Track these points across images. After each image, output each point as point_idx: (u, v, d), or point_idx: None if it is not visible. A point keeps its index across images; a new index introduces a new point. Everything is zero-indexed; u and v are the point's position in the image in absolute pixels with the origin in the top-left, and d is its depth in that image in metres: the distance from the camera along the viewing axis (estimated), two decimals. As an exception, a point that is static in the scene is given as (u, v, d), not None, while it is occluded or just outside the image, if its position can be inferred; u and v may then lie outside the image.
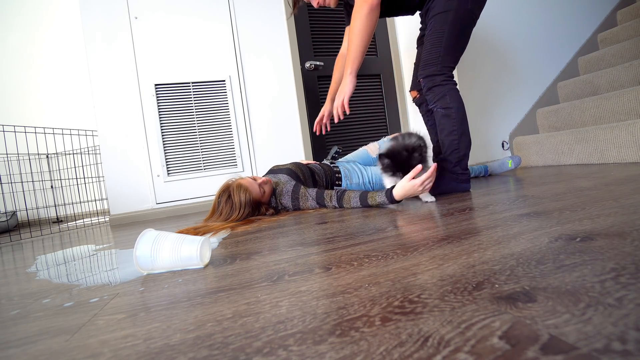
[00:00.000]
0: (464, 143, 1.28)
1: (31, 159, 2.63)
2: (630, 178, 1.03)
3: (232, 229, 1.11)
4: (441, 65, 1.26)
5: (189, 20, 2.21)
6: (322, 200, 1.30)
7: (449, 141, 1.27)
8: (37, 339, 0.41)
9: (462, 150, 1.28)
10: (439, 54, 1.25)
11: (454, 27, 1.23)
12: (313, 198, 1.32)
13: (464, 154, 1.28)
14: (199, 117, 2.21)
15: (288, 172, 1.45)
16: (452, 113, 1.26)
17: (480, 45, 2.14)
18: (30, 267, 0.93)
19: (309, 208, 1.34)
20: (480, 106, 2.14)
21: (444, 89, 1.26)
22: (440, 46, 1.25)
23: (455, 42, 1.26)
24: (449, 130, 1.27)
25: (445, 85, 1.26)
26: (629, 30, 2.27)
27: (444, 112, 1.27)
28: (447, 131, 1.27)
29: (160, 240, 0.64)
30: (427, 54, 1.29)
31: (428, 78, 1.29)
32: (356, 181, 1.54)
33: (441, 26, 1.24)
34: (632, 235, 0.48)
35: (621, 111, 1.76)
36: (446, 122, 1.27)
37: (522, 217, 0.70)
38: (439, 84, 1.27)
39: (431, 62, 1.27)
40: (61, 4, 3.20)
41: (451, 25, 1.23)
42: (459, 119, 1.26)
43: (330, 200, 1.28)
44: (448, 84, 1.27)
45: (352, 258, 0.57)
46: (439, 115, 1.29)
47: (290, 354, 0.29)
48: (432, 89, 1.28)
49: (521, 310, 0.31)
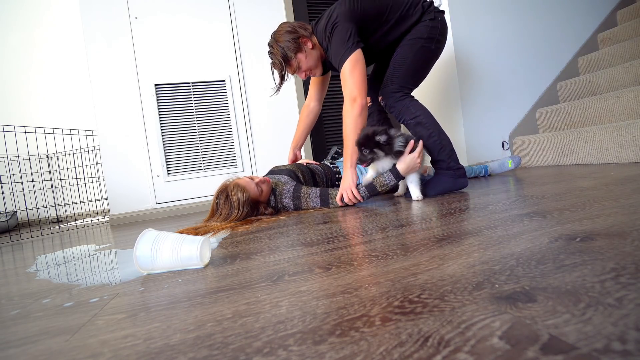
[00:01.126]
0: (446, 140, 1.34)
1: (31, 159, 2.63)
2: (630, 178, 1.03)
3: (232, 229, 1.11)
4: (399, 84, 1.36)
5: (189, 20, 2.21)
6: (327, 197, 1.31)
7: (432, 143, 1.33)
8: (37, 339, 0.41)
9: (447, 147, 1.33)
10: (400, 75, 1.36)
11: (418, 57, 1.36)
12: (316, 195, 1.32)
13: (450, 149, 1.34)
14: (199, 117, 2.21)
15: (288, 173, 1.45)
16: (422, 119, 1.33)
17: (480, 45, 2.14)
18: (30, 267, 0.93)
19: (310, 208, 1.34)
20: (480, 106, 2.14)
21: (404, 102, 1.36)
22: (402, 69, 1.36)
23: (415, 69, 1.38)
24: (427, 134, 1.33)
25: (404, 99, 1.36)
26: (629, 30, 2.27)
27: (415, 121, 1.34)
28: (425, 136, 1.33)
29: (160, 240, 0.64)
30: (389, 74, 1.39)
31: (388, 96, 1.38)
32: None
33: (406, 53, 1.36)
34: (632, 235, 0.48)
35: (621, 111, 1.76)
36: (421, 129, 1.33)
37: (522, 217, 0.70)
38: (398, 100, 1.36)
39: (392, 81, 1.37)
40: (61, 4, 3.19)
41: (416, 55, 1.36)
42: (430, 122, 1.34)
43: (335, 197, 1.28)
44: (407, 98, 1.36)
45: (352, 258, 0.57)
46: (412, 126, 1.36)
47: (290, 354, 0.29)
48: (393, 105, 1.37)
49: (521, 310, 0.31)
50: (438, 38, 1.37)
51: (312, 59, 1.40)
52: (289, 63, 1.38)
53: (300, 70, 1.42)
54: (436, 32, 1.36)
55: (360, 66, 1.27)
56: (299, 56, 1.37)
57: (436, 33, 1.36)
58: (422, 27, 1.36)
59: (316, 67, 1.44)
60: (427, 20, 1.35)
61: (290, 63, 1.38)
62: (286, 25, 1.38)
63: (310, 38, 1.38)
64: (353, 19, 1.27)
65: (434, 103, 2.32)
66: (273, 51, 1.38)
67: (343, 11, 1.27)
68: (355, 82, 1.26)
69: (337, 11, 1.29)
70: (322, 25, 1.33)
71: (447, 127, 2.21)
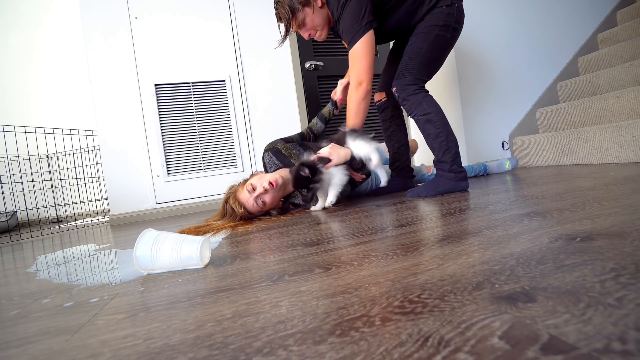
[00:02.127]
0: (453, 142, 1.30)
1: (31, 159, 2.62)
2: (630, 178, 1.03)
3: (233, 229, 1.11)
4: (414, 76, 1.32)
5: (189, 20, 2.21)
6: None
7: (438, 143, 1.30)
8: (37, 339, 0.41)
9: (453, 149, 1.29)
10: (414, 66, 1.32)
11: (433, 46, 1.32)
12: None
13: (455, 151, 1.30)
14: (199, 117, 2.21)
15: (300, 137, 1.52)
16: (433, 117, 1.29)
17: (480, 45, 2.14)
18: (30, 267, 0.93)
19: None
20: (480, 106, 2.14)
21: (418, 97, 1.31)
22: (417, 60, 1.32)
23: (430, 60, 1.34)
24: (435, 133, 1.29)
25: (418, 94, 1.31)
26: (629, 30, 2.27)
27: (425, 118, 1.30)
28: (433, 135, 1.30)
29: (160, 240, 0.64)
30: (403, 65, 1.35)
31: (401, 88, 1.34)
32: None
33: (421, 43, 1.32)
34: (632, 235, 0.48)
35: (621, 111, 1.76)
36: (429, 127, 1.30)
37: (522, 217, 0.70)
38: (412, 93, 1.31)
39: (406, 72, 1.33)
40: (61, 4, 3.20)
41: (431, 45, 1.31)
42: (440, 121, 1.29)
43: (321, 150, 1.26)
44: (421, 93, 1.32)
45: (352, 258, 0.57)
46: (421, 123, 1.32)
47: (290, 354, 0.29)
48: (407, 99, 1.33)
49: (521, 310, 0.31)
50: (454, 26, 1.32)
51: (318, 17, 1.35)
52: (295, 15, 1.33)
53: (304, 27, 1.37)
54: (452, 20, 1.31)
55: (370, 49, 1.24)
56: (306, 10, 1.32)
57: (452, 20, 1.31)
58: (438, 13, 1.30)
59: (322, 28, 1.39)
60: (443, 6, 1.30)
61: (296, 15, 1.33)
62: None
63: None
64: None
65: (434, 103, 2.32)
66: (280, 1, 1.34)
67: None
68: (363, 66, 1.24)
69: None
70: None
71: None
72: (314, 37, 1.43)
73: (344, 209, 1.22)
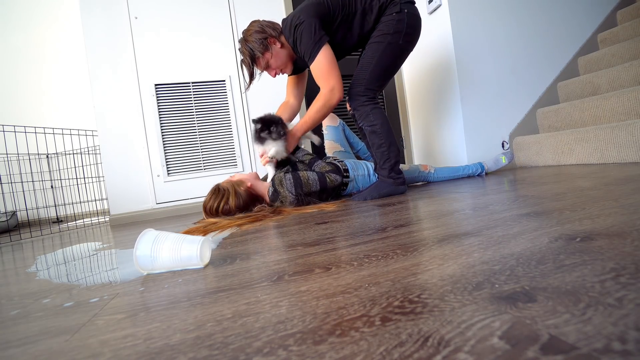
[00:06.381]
0: (394, 152, 1.40)
1: (31, 159, 2.63)
2: (630, 178, 1.03)
3: (240, 227, 1.11)
4: (365, 87, 1.39)
5: (189, 20, 2.21)
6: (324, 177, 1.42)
7: (380, 153, 1.39)
8: (37, 339, 0.41)
9: (393, 159, 1.39)
10: (365, 77, 1.39)
11: (385, 56, 1.37)
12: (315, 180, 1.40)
13: (395, 161, 1.40)
14: (199, 117, 2.21)
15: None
16: (377, 129, 1.38)
17: (480, 45, 2.14)
18: (30, 267, 0.93)
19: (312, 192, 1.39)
20: (480, 106, 2.14)
21: (367, 108, 1.39)
22: (368, 71, 1.38)
23: (381, 70, 1.40)
24: (378, 143, 1.39)
25: (367, 106, 1.39)
26: (629, 30, 2.27)
27: (371, 129, 1.39)
28: (377, 145, 1.39)
29: (160, 240, 0.64)
30: (355, 75, 1.42)
31: (353, 98, 1.42)
32: (362, 172, 1.58)
33: (373, 53, 1.38)
34: (632, 235, 0.48)
35: (621, 111, 1.76)
36: (374, 137, 1.39)
37: (522, 217, 0.70)
38: (361, 104, 1.40)
39: (357, 83, 1.40)
40: (61, 4, 3.20)
41: (382, 55, 1.37)
42: (384, 132, 1.38)
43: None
44: (370, 104, 1.39)
45: (352, 258, 0.57)
46: (368, 132, 1.41)
47: (290, 354, 0.29)
48: (357, 109, 1.41)
49: (521, 310, 0.31)
50: (407, 31, 1.36)
51: (279, 58, 1.43)
52: (257, 62, 1.42)
53: (269, 68, 1.45)
54: (403, 26, 1.34)
55: (331, 58, 1.32)
56: (266, 55, 1.40)
57: (403, 26, 1.34)
58: (388, 21, 1.35)
59: (285, 65, 1.47)
60: (393, 13, 1.34)
61: (258, 62, 1.42)
62: (256, 24, 1.41)
63: (279, 38, 1.41)
64: (317, 13, 1.30)
65: (433, 103, 2.32)
66: (242, 50, 1.42)
67: (306, 6, 1.31)
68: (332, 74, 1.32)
69: (300, 7, 1.33)
70: (288, 22, 1.36)
71: (447, 127, 2.21)
72: (282, 74, 1.52)
73: (343, 209, 1.22)
